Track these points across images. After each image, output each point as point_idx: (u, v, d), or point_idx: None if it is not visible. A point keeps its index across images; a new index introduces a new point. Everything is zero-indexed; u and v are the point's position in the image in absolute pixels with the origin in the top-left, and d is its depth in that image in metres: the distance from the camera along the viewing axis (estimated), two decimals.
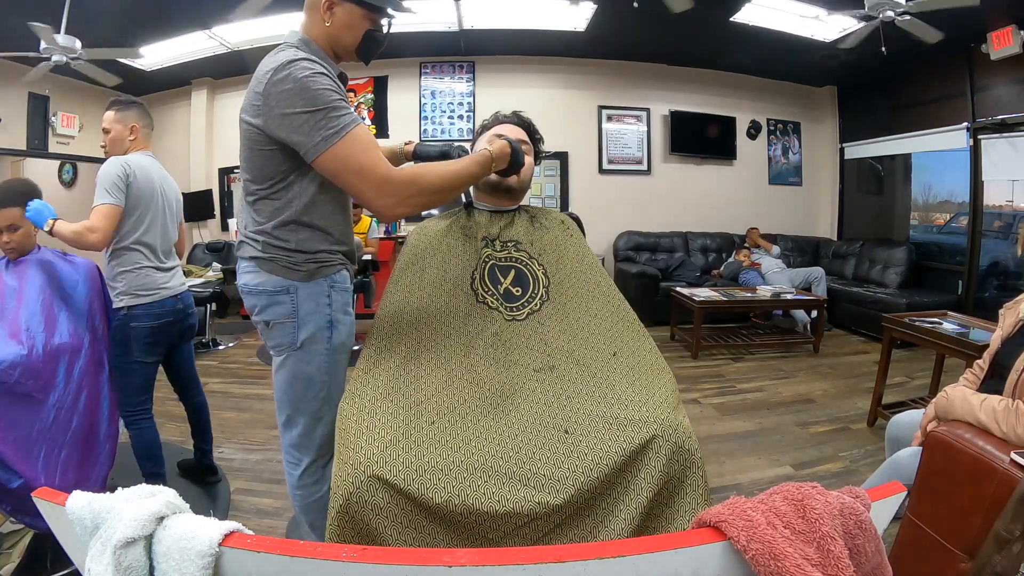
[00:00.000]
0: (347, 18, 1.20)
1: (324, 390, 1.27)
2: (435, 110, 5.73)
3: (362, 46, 1.26)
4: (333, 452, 1.08)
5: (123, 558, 0.57)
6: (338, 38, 1.23)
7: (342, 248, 1.29)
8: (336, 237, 1.26)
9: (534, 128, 1.53)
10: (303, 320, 1.22)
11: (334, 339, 1.26)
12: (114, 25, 3.96)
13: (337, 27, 1.21)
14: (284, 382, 1.26)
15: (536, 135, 1.53)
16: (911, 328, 2.65)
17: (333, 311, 1.25)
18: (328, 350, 1.26)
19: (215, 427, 2.86)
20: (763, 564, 0.56)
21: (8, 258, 1.81)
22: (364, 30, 1.23)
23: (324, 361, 1.26)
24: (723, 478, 2.24)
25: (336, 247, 1.27)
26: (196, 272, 4.57)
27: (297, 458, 1.30)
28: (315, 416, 1.27)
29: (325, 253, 1.24)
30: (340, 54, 1.27)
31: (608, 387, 1.14)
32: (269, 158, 1.15)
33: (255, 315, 1.26)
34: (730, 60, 5.46)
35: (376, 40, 1.27)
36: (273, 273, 1.21)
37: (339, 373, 1.30)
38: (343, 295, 1.29)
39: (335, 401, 1.21)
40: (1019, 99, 4.15)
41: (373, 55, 1.30)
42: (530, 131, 1.51)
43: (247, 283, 1.24)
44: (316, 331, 1.24)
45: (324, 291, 1.24)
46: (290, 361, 1.25)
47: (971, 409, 1.31)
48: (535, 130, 1.53)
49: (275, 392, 1.29)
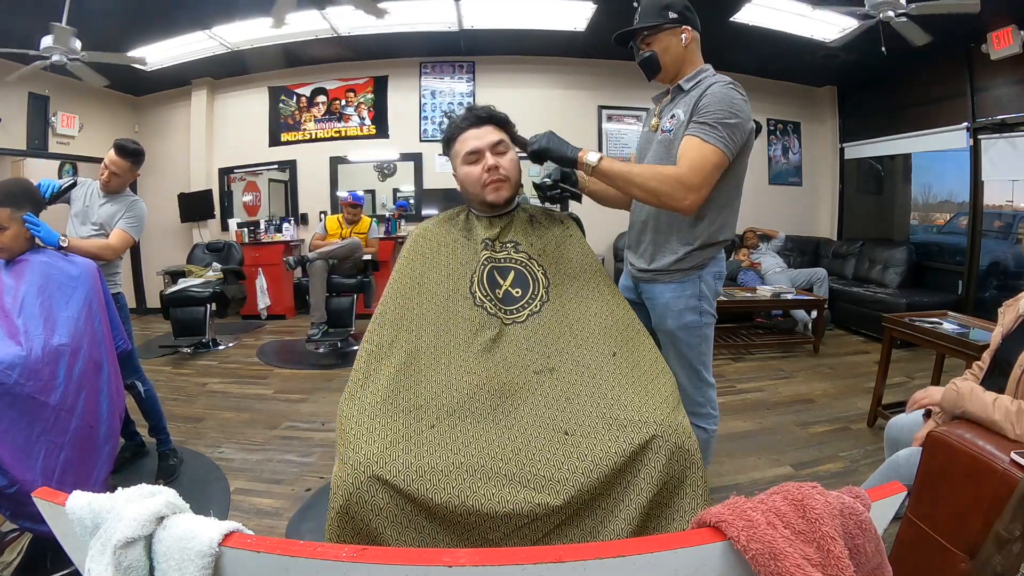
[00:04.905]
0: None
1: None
2: (435, 110, 5.73)
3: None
4: None
5: (123, 558, 0.57)
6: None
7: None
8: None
9: (500, 119, 1.41)
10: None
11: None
12: (114, 25, 3.95)
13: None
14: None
15: (509, 125, 1.42)
16: (911, 328, 2.65)
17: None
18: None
19: (215, 427, 2.87)
20: (763, 564, 0.56)
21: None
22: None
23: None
24: (723, 478, 2.24)
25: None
26: (196, 272, 4.56)
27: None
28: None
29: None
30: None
31: (608, 388, 1.14)
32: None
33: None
34: (730, 60, 5.41)
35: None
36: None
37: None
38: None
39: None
40: (1019, 99, 4.15)
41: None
42: (501, 123, 1.40)
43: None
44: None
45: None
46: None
47: (984, 407, 1.28)
48: (503, 120, 1.41)
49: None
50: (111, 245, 2.21)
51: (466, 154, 1.37)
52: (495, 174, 1.36)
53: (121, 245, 2.25)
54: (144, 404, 2.34)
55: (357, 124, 5.77)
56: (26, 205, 1.82)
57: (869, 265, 5.18)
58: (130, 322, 2.35)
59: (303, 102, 5.77)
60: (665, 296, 1.54)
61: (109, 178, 2.28)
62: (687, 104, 1.43)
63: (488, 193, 1.38)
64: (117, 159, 2.26)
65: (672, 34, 1.46)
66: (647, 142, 1.60)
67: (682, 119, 1.43)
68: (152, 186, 5.64)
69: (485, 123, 1.38)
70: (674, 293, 1.53)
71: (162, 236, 5.70)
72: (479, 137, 1.37)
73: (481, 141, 1.36)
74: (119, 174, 2.28)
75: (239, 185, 6.08)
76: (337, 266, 4.30)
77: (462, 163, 1.39)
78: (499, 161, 1.37)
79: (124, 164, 2.27)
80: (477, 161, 1.37)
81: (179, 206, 5.73)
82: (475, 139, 1.37)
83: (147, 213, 2.37)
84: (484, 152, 1.36)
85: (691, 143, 1.36)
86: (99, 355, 1.77)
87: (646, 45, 1.50)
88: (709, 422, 1.60)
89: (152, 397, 2.36)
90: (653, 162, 1.52)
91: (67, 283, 1.78)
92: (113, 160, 2.26)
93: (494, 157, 1.36)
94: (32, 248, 1.85)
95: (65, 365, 1.63)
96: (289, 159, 5.88)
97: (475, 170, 1.37)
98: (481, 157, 1.37)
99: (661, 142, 1.50)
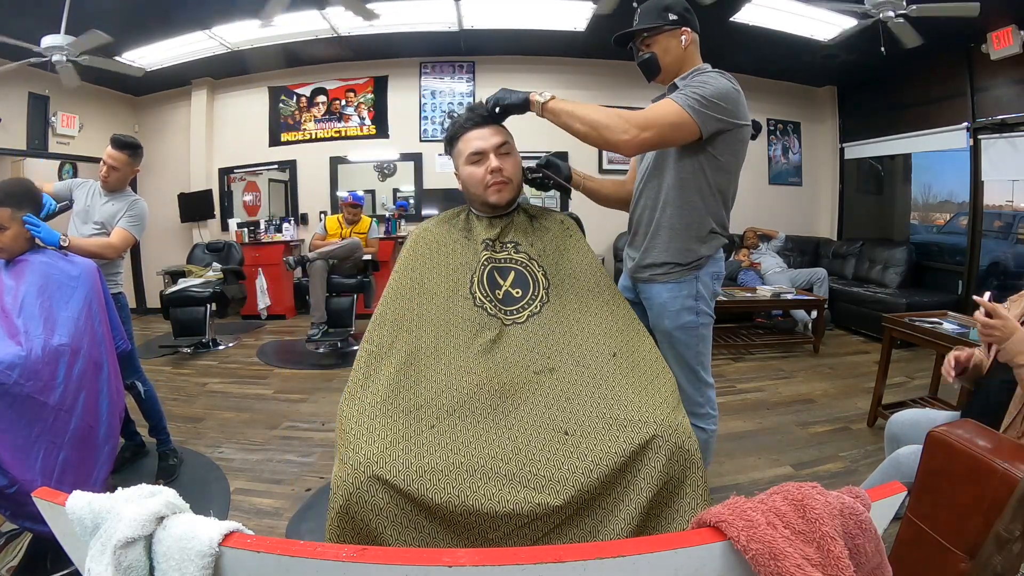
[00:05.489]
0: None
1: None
2: (435, 110, 5.73)
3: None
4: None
5: (123, 558, 0.57)
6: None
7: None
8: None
9: (503, 112, 1.38)
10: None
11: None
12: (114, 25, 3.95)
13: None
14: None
15: (508, 112, 1.39)
16: (911, 328, 2.65)
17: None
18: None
19: (215, 427, 2.87)
20: (763, 564, 0.56)
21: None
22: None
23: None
24: (723, 478, 2.24)
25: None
26: (196, 272, 4.56)
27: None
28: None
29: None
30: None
31: (608, 388, 1.14)
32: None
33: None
34: (730, 60, 5.41)
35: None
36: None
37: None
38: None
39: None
40: (1019, 99, 4.15)
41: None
42: (504, 116, 1.39)
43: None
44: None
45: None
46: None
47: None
48: (504, 112, 1.38)
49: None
50: (112, 244, 2.22)
51: (469, 155, 1.37)
52: (498, 176, 1.37)
53: (122, 244, 2.26)
54: (144, 404, 2.34)
55: (357, 124, 5.77)
56: (26, 205, 1.82)
57: (869, 265, 5.18)
58: (131, 322, 2.36)
59: (303, 102, 5.77)
60: (662, 296, 1.54)
61: (108, 173, 2.29)
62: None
63: (490, 194, 1.38)
64: (114, 152, 2.27)
65: (672, 36, 1.46)
66: None
67: None
68: (152, 186, 5.64)
69: (489, 123, 1.38)
70: (671, 293, 1.53)
71: (162, 236, 5.69)
72: (483, 138, 1.37)
73: (485, 142, 1.36)
74: (117, 167, 2.29)
75: (239, 185, 6.08)
76: (337, 266, 4.30)
77: (465, 163, 1.39)
78: (503, 163, 1.37)
79: (121, 157, 2.28)
80: (480, 162, 1.37)
81: (179, 206, 5.73)
82: (479, 140, 1.37)
83: (149, 212, 2.38)
84: (488, 154, 1.36)
85: (662, 102, 1.39)
86: (99, 355, 1.77)
87: (646, 47, 1.50)
88: (708, 422, 1.60)
89: (152, 397, 2.37)
90: (653, 163, 1.53)
91: (67, 283, 1.78)
92: (110, 153, 2.27)
93: (498, 159, 1.36)
94: (32, 248, 1.85)
95: (65, 365, 1.62)
96: (289, 159, 5.88)
97: (478, 171, 1.37)
98: (485, 159, 1.37)
99: None
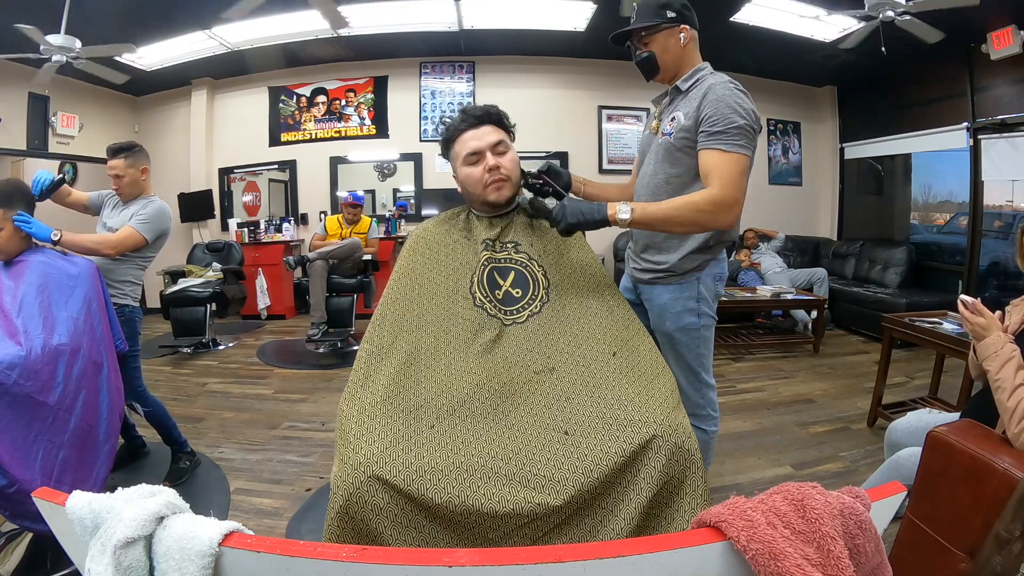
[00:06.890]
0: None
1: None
2: (435, 110, 5.72)
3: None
4: None
5: (123, 558, 0.57)
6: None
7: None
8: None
9: (496, 116, 1.40)
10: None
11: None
12: (114, 25, 3.95)
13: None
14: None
15: (506, 123, 1.42)
16: (911, 328, 2.65)
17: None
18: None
19: (215, 427, 2.87)
20: (763, 564, 0.56)
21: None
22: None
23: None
24: (723, 478, 2.24)
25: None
26: (196, 272, 4.56)
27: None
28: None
29: None
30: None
31: (608, 388, 1.14)
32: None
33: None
34: (730, 60, 5.43)
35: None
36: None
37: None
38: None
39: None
40: (1019, 99, 4.15)
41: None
42: (500, 123, 1.40)
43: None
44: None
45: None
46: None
47: (1007, 382, 1.23)
48: (499, 118, 1.40)
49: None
50: (110, 240, 2.08)
51: (466, 155, 1.37)
52: (496, 174, 1.36)
53: (122, 240, 2.08)
54: (152, 422, 2.28)
55: (357, 124, 5.77)
56: (18, 204, 1.82)
57: (869, 265, 5.19)
58: (138, 337, 2.24)
59: (303, 102, 5.77)
60: (663, 298, 1.54)
61: (116, 183, 2.21)
62: (688, 107, 1.42)
63: (490, 193, 1.38)
64: (112, 161, 2.18)
65: (670, 34, 1.46)
66: (647, 144, 1.60)
67: (683, 122, 1.42)
68: (152, 186, 5.64)
69: (483, 123, 1.38)
70: (672, 295, 1.53)
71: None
72: (479, 138, 1.37)
73: (481, 142, 1.36)
74: (121, 175, 2.19)
75: (239, 185, 6.08)
76: (337, 266, 4.30)
77: (462, 164, 1.38)
78: (500, 161, 1.37)
79: (119, 163, 2.18)
80: (478, 162, 1.37)
81: (179, 206, 5.73)
82: (475, 140, 1.36)
83: (167, 213, 2.23)
84: (485, 152, 1.36)
85: (712, 157, 1.34)
86: (99, 354, 1.78)
87: (644, 45, 1.49)
88: (709, 423, 1.60)
89: (156, 415, 2.27)
90: (653, 164, 1.52)
91: (66, 283, 1.79)
92: (109, 164, 2.19)
93: (495, 157, 1.36)
94: (31, 248, 1.85)
95: (64, 365, 1.63)
96: (289, 159, 5.89)
97: (476, 171, 1.37)
98: (482, 158, 1.36)
99: (661, 145, 1.49)
